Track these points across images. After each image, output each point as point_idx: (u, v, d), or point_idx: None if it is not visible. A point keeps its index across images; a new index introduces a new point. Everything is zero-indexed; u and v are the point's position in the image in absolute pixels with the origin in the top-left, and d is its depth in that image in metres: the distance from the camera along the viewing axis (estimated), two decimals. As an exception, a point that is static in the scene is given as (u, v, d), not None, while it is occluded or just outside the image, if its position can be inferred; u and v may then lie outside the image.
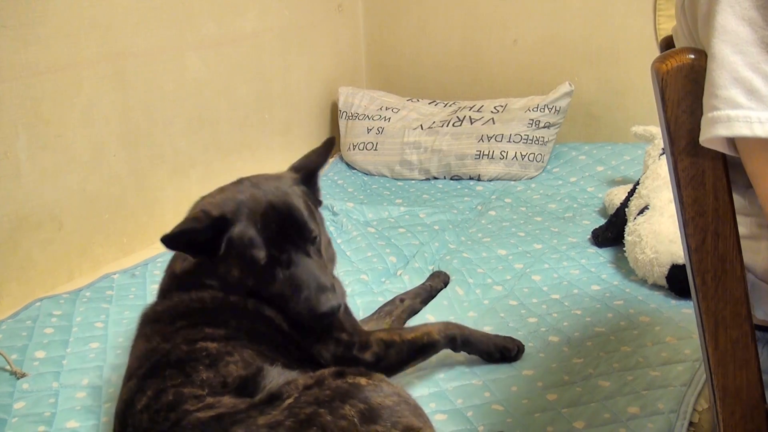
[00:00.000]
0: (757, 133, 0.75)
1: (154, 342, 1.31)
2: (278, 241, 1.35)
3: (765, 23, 0.75)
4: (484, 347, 1.61)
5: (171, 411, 1.13)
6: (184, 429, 1.09)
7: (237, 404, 1.12)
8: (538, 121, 2.96)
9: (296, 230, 1.38)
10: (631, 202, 2.18)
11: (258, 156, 2.98)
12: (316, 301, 1.33)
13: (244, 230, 1.34)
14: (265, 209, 1.36)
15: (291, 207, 1.39)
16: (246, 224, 1.35)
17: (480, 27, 3.31)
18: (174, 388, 1.17)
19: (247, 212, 1.35)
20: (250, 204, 1.37)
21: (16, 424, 1.52)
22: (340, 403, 1.07)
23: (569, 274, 2.06)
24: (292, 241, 1.36)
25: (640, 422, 1.38)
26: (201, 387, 1.17)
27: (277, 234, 1.35)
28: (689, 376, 1.49)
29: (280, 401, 1.10)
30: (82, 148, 2.26)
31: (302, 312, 1.35)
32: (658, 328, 1.71)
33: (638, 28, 2.92)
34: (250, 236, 1.34)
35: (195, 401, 1.13)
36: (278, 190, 1.41)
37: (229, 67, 2.80)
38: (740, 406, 0.88)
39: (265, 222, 1.35)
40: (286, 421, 1.05)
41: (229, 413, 1.10)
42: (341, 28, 3.45)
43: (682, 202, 0.84)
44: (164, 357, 1.25)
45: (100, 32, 2.28)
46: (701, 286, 0.86)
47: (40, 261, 2.17)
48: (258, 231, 1.34)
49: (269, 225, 1.35)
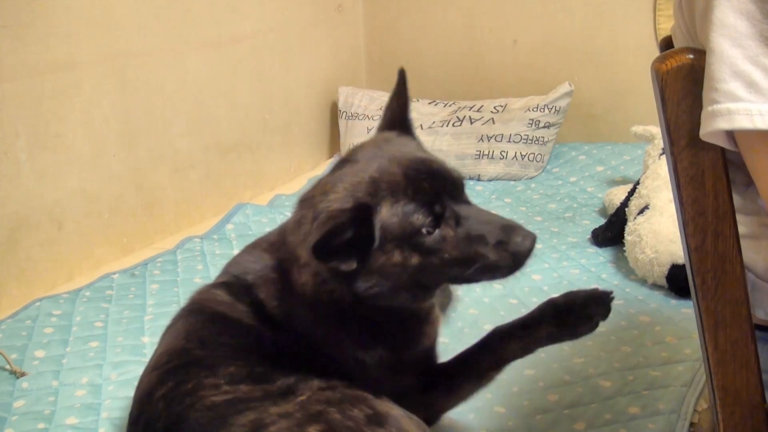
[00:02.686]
0: (758, 125, 0.75)
1: (192, 345, 1.23)
2: (435, 199, 1.14)
3: (762, 16, 0.75)
4: None
5: (187, 396, 1.13)
6: (196, 410, 1.10)
7: (252, 390, 1.13)
8: (538, 121, 2.96)
9: (446, 181, 1.17)
10: (631, 202, 2.18)
11: (258, 156, 2.98)
12: (515, 243, 1.12)
13: (393, 205, 1.13)
14: (405, 174, 1.14)
15: (427, 161, 1.19)
16: (393, 198, 1.13)
17: (480, 27, 3.31)
18: (196, 379, 1.16)
19: (386, 186, 1.13)
20: (387, 177, 1.14)
21: (15, 422, 1.53)
22: (350, 405, 1.09)
23: (569, 274, 2.07)
24: (448, 194, 1.16)
25: (641, 423, 1.38)
26: (222, 378, 1.16)
27: (429, 192, 1.14)
28: (689, 376, 1.49)
29: (294, 396, 1.11)
30: (82, 148, 2.26)
31: (500, 264, 1.13)
32: (658, 328, 1.71)
33: (638, 28, 2.92)
34: (404, 207, 1.12)
35: (213, 389, 1.14)
36: (400, 151, 1.20)
37: (229, 67, 2.80)
38: (740, 406, 0.88)
39: (413, 187, 1.13)
40: (297, 413, 1.07)
41: (243, 399, 1.11)
42: (341, 28, 3.44)
43: (681, 201, 0.84)
44: (198, 361, 1.20)
45: (100, 32, 2.28)
46: (701, 286, 0.86)
47: (40, 261, 2.17)
48: (410, 198, 1.13)
49: (417, 187, 1.13)
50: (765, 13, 0.75)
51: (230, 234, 2.53)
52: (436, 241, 1.13)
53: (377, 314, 1.22)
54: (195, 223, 2.64)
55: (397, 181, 1.13)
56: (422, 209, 1.12)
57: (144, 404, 1.19)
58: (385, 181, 1.14)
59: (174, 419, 1.11)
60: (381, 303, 1.18)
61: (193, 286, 2.13)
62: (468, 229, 1.14)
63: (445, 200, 1.15)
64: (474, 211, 1.17)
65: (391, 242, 1.13)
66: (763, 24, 0.75)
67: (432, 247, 1.13)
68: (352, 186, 1.15)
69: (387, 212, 1.12)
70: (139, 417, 1.19)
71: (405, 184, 1.13)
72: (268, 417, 1.07)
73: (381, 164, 1.16)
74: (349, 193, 1.14)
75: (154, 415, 1.15)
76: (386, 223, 1.12)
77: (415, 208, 1.12)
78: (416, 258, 1.13)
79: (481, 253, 1.13)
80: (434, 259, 1.14)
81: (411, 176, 1.14)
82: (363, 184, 1.14)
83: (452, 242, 1.13)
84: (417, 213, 1.12)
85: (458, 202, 1.17)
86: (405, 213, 1.12)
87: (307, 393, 1.12)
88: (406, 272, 1.14)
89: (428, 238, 1.12)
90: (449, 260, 1.14)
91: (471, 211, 1.17)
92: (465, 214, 1.15)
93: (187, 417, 1.11)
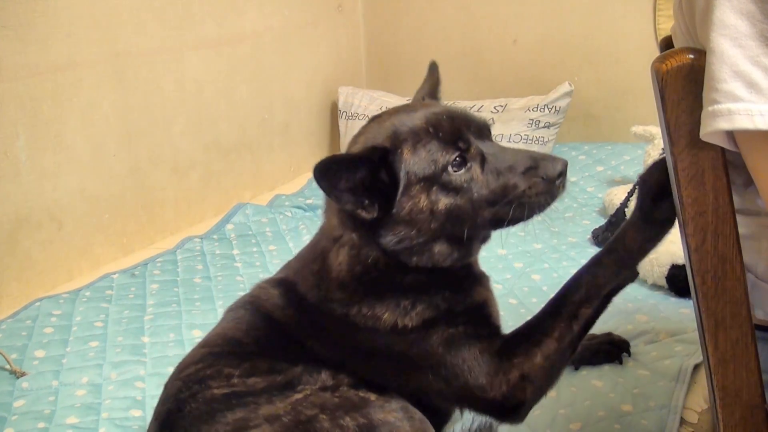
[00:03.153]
0: (759, 125, 0.75)
1: (248, 340, 1.22)
2: (459, 137, 1.10)
3: (763, 16, 0.75)
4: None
5: (197, 383, 1.15)
6: (196, 401, 1.12)
7: (256, 383, 1.13)
8: (538, 121, 2.96)
9: (469, 121, 1.14)
10: (631, 202, 2.18)
11: (258, 156, 2.98)
12: (545, 167, 1.08)
13: (415, 146, 1.10)
14: (427, 119, 1.12)
15: (450, 108, 1.16)
16: (415, 140, 1.10)
17: (480, 27, 3.31)
18: (218, 367, 1.17)
19: (407, 131, 1.11)
20: (409, 122, 1.12)
21: (15, 421, 1.53)
22: (343, 413, 1.07)
23: (569, 274, 2.03)
24: (472, 133, 1.12)
25: (634, 419, 1.39)
26: (239, 369, 1.16)
27: (453, 132, 1.10)
28: (676, 369, 1.51)
29: (292, 391, 1.11)
30: (82, 148, 2.26)
31: (531, 192, 1.09)
32: (653, 326, 1.71)
33: (638, 28, 2.91)
34: (426, 147, 1.09)
35: (223, 380, 1.14)
36: (425, 107, 1.17)
37: (229, 67, 2.80)
38: (740, 406, 0.88)
39: (435, 128, 1.10)
40: (285, 417, 1.06)
41: (240, 393, 1.11)
42: (341, 28, 3.45)
43: (682, 201, 0.84)
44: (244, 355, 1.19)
45: (100, 32, 2.28)
46: (701, 286, 0.86)
47: (40, 261, 2.17)
48: (431, 138, 1.10)
49: (441, 128, 1.10)
50: (765, 13, 0.75)
51: (230, 234, 2.53)
52: (464, 179, 1.09)
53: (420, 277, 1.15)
54: (195, 223, 2.64)
55: (418, 126, 1.11)
56: (446, 146, 1.09)
57: (174, 377, 1.21)
58: (407, 126, 1.11)
59: (176, 406, 1.14)
60: (415, 260, 1.12)
61: (193, 286, 2.14)
62: (495, 164, 1.10)
63: (469, 138, 1.11)
64: (500, 148, 1.13)
65: (417, 184, 1.09)
66: (764, 24, 0.75)
67: (460, 186, 1.09)
68: (373, 136, 1.14)
69: (409, 154, 1.09)
70: (165, 388, 1.22)
71: (426, 126, 1.11)
72: (254, 419, 1.06)
73: (403, 116, 1.14)
74: (369, 141, 1.13)
75: (169, 393, 1.17)
76: (410, 164, 1.09)
77: (438, 146, 1.09)
78: (444, 200, 1.09)
79: (512, 184, 1.08)
80: (463, 200, 1.09)
81: (432, 120, 1.12)
82: (383, 131, 1.13)
83: (481, 179, 1.10)
84: (441, 151, 1.08)
85: (483, 141, 1.13)
86: (429, 151, 1.09)
87: (307, 391, 1.12)
88: (435, 218, 1.09)
89: (454, 176, 1.09)
90: (479, 199, 1.09)
91: (496, 148, 1.12)
92: (490, 151, 1.11)
93: (185, 406, 1.12)
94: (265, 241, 2.44)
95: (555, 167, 1.07)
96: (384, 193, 1.09)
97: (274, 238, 2.48)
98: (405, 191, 1.09)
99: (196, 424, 1.09)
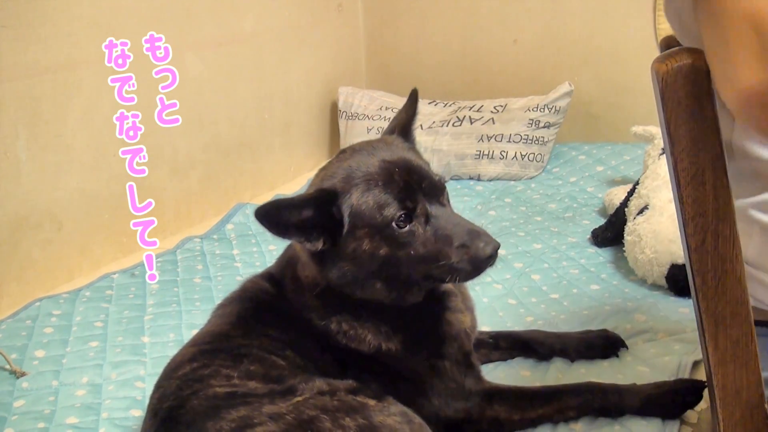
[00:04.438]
0: None
1: (236, 333, 1.28)
2: (409, 195, 1.19)
3: None
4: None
5: (197, 381, 1.17)
6: (198, 398, 1.13)
7: (257, 388, 1.15)
8: (538, 121, 2.96)
9: (424, 180, 1.22)
10: (631, 202, 2.18)
11: (258, 156, 2.98)
12: (476, 247, 1.17)
13: (365, 193, 1.19)
14: (383, 168, 1.21)
15: (409, 160, 1.24)
16: (366, 187, 1.19)
17: (480, 27, 3.31)
18: (215, 367, 1.19)
19: (361, 176, 1.20)
20: (364, 168, 1.21)
21: (15, 421, 1.53)
22: (344, 414, 1.09)
23: (568, 274, 2.07)
24: (423, 192, 1.21)
25: (634, 418, 1.39)
26: (238, 371, 1.18)
27: (405, 188, 1.19)
28: (676, 366, 1.51)
29: (292, 395, 1.12)
30: (82, 148, 2.26)
31: (459, 266, 1.18)
32: (651, 326, 1.72)
33: (638, 28, 2.91)
34: (375, 197, 1.18)
35: (223, 380, 1.16)
36: (387, 150, 1.25)
37: (229, 67, 2.80)
38: (740, 406, 0.88)
39: (387, 179, 1.20)
40: (289, 415, 1.07)
41: (242, 393, 1.13)
42: (341, 28, 3.45)
43: (682, 201, 0.84)
44: (233, 349, 1.24)
45: (100, 32, 2.28)
46: (701, 286, 0.86)
47: (40, 261, 2.17)
48: (382, 189, 1.19)
49: (393, 181, 1.20)
50: None
51: (230, 234, 2.53)
52: (406, 236, 1.19)
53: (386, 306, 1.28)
54: (195, 223, 2.64)
55: (371, 172, 1.20)
56: (394, 202, 1.18)
57: (167, 377, 1.23)
58: (361, 171, 1.21)
59: (178, 402, 1.15)
60: (359, 293, 1.24)
61: (193, 286, 2.14)
62: (436, 228, 1.20)
63: (419, 197, 1.20)
64: (446, 212, 1.22)
65: (362, 229, 1.19)
66: None
67: (401, 241, 1.19)
68: (330, 175, 1.24)
69: (358, 198, 1.19)
70: (158, 387, 1.24)
71: (379, 175, 1.20)
72: (258, 416, 1.08)
73: (364, 157, 1.23)
74: (326, 180, 1.24)
75: (168, 391, 1.19)
76: (356, 209, 1.19)
77: (386, 199, 1.18)
78: (385, 249, 1.20)
79: (445, 252, 1.19)
80: (402, 253, 1.20)
81: (387, 169, 1.21)
82: (340, 172, 1.23)
83: (420, 239, 1.20)
84: (389, 206, 1.18)
85: (433, 202, 1.22)
86: (376, 202, 1.18)
87: (306, 394, 1.13)
88: (375, 261, 1.20)
89: (398, 231, 1.19)
90: (416, 256, 1.20)
91: (443, 212, 1.22)
92: (436, 214, 1.21)
93: (188, 402, 1.14)
94: (265, 241, 2.44)
95: (485, 250, 1.17)
96: (331, 230, 1.20)
97: (274, 238, 2.46)
98: (350, 232, 1.20)
99: (201, 419, 1.10)
